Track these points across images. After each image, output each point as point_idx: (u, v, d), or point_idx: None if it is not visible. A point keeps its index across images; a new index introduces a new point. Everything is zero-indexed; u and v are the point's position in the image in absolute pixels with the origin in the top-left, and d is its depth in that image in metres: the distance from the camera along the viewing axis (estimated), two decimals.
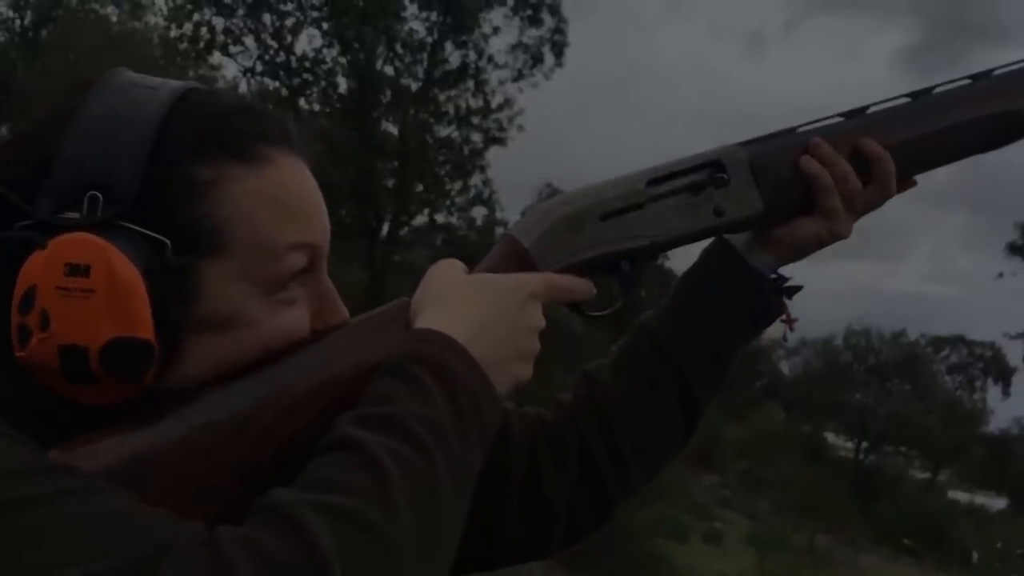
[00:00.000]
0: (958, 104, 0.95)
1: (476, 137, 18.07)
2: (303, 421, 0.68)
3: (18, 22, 18.38)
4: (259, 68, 17.32)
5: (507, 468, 0.90)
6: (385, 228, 17.64)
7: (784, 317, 0.96)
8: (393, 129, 17.95)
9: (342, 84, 17.50)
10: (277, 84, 17.59)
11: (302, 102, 17.63)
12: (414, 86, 17.62)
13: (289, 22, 17.03)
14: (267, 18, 16.84)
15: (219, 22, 16.85)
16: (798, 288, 0.96)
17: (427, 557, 0.59)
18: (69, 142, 0.66)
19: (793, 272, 0.97)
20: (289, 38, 17.15)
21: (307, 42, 17.18)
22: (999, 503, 31.82)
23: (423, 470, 0.61)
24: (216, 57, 17.37)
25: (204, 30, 16.77)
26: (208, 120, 0.70)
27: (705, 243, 0.96)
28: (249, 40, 17.13)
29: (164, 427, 0.66)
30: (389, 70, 17.34)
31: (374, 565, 0.55)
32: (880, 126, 0.94)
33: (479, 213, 18.26)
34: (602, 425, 0.93)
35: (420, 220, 18.55)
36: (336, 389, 0.69)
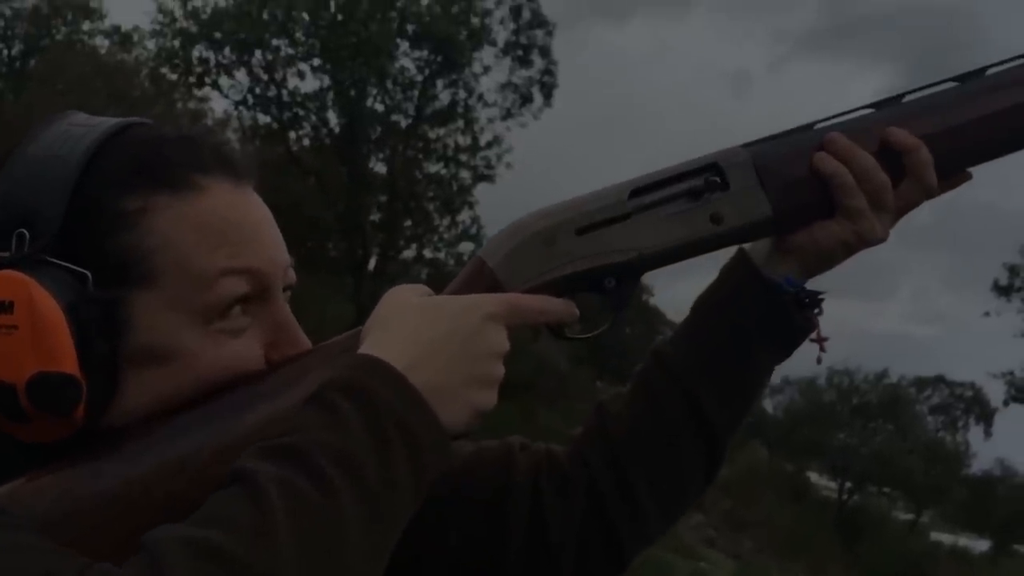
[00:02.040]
0: (1011, 87, 0.83)
1: (465, 174, 18.18)
2: None
3: (5, 52, 18.42)
4: (250, 101, 17.40)
5: (507, 504, 0.86)
6: (372, 263, 17.63)
7: (814, 336, 0.86)
8: (382, 165, 18.03)
9: (332, 119, 17.59)
10: (268, 119, 17.67)
11: (292, 136, 17.72)
12: (404, 123, 17.73)
13: (282, 54, 17.14)
14: (258, 53, 16.93)
15: (210, 56, 16.95)
16: (821, 301, 0.85)
17: None
18: (4, 183, 0.67)
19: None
20: (281, 72, 17.26)
21: (299, 78, 17.27)
22: (982, 545, 31.73)
23: (319, 502, 0.57)
24: (205, 90, 17.46)
25: (196, 62, 16.86)
26: (137, 152, 0.69)
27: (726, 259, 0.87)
28: (240, 74, 17.23)
29: (103, 465, 0.65)
30: (379, 107, 17.46)
31: None
32: (912, 115, 0.83)
33: (466, 248, 18.28)
34: (611, 457, 0.87)
35: (408, 255, 18.60)
36: (281, 424, 0.64)
